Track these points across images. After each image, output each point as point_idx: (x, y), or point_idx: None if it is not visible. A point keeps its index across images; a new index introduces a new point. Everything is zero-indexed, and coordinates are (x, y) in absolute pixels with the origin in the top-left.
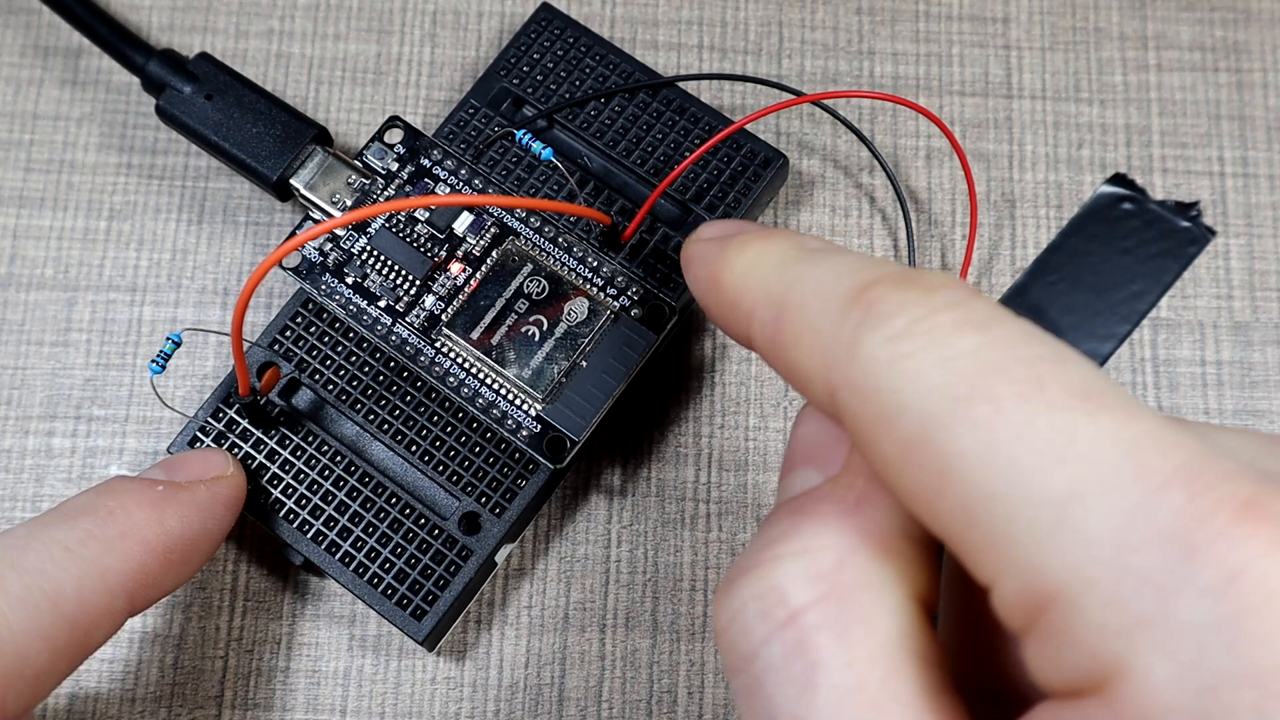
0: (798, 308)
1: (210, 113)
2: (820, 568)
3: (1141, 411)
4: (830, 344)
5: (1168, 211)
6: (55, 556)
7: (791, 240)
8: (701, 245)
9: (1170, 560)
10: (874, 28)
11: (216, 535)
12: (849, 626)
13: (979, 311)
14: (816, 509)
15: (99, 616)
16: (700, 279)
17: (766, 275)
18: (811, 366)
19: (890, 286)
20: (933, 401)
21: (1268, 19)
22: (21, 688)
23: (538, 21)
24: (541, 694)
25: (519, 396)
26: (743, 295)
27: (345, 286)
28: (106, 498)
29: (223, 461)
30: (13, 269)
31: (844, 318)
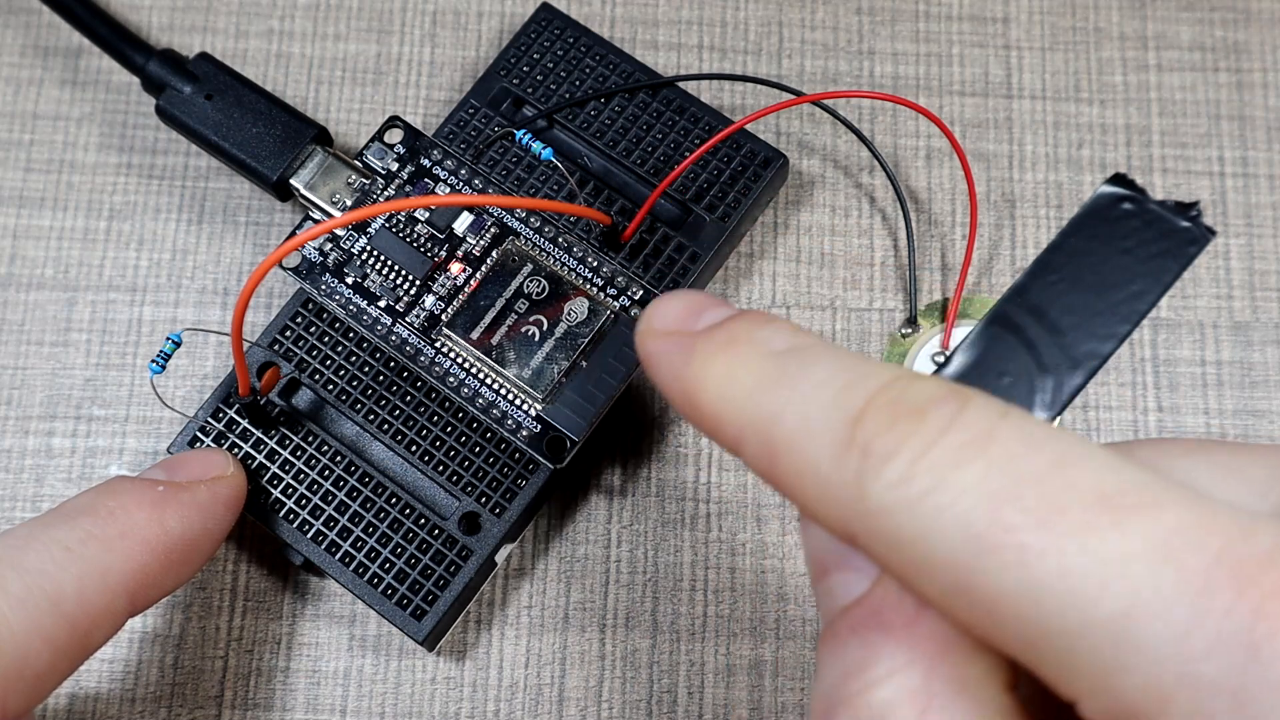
0: (789, 449)
1: (210, 113)
2: (912, 686)
3: (1162, 499)
4: (836, 493)
5: (1168, 211)
6: (56, 556)
7: (757, 346)
8: (661, 346)
9: (1237, 662)
10: (874, 28)
11: (217, 535)
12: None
13: (972, 428)
14: (882, 624)
15: (99, 616)
16: (672, 394)
17: (745, 404)
18: (822, 513)
19: (881, 421)
20: (957, 545)
21: (1268, 19)
22: (22, 688)
23: (538, 21)
24: (541, 694)
25: (519, 396)
26: (724, 424)
27: (345, 286)
28: (106, 498)
29: (223, 461)
30: (13, 269)
31: (843, 464)
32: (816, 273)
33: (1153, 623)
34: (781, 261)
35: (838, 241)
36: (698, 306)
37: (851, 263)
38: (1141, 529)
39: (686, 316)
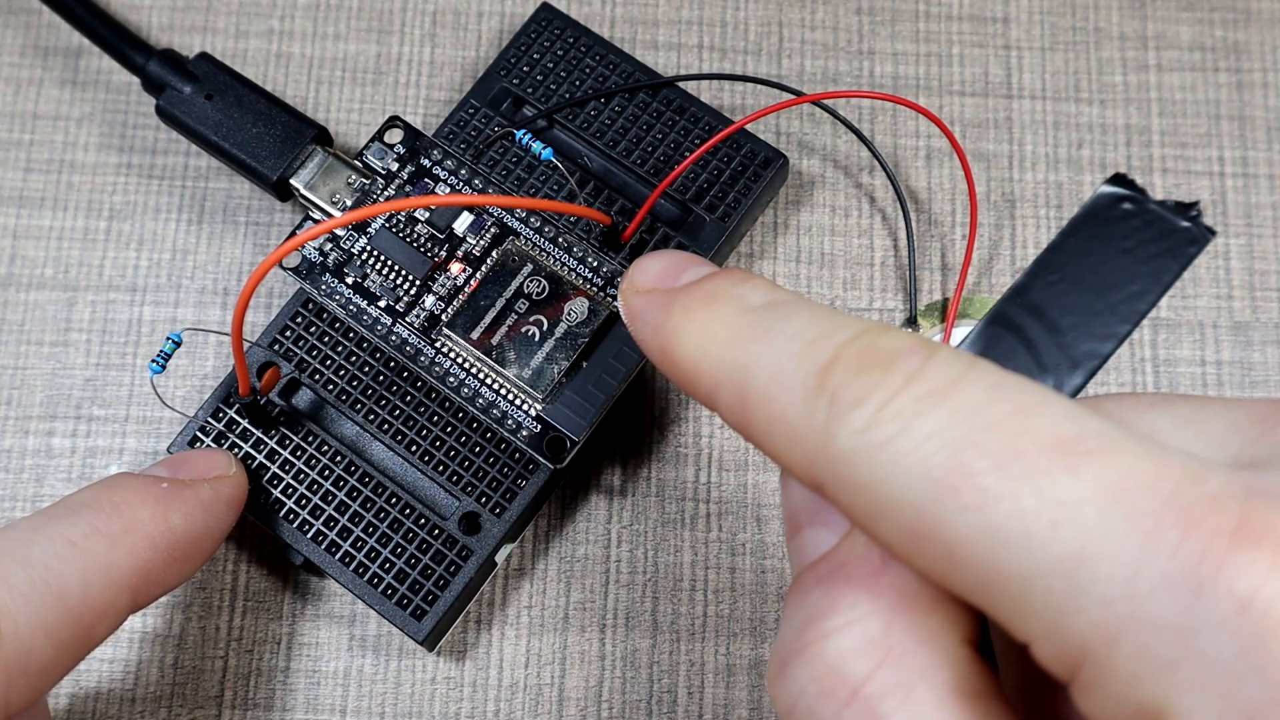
0: (761, 399)
1: (210, 113)
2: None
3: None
4: (804, 440)
5: (1167, 211)
6: (60, 550)
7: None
8: (641, 303)
9: (1182, 601)
10: (874, 28)
11: (219, 534)
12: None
13: (937, 378)
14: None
15: (103, 611)
16: (651, 349)
17: (721, 356)
18: (790, 460)
19: (849, 370)
20: (917, 490)
21: (1268, 19)
22: (25, 682)
23: (538, 21)
24: (541, 694)
25: (519, 396)
26: (701, 376)
27: (345, 286)
28: (110, 492)
29: (225, 461)
30: (13, 269)
31: (811, 412)
32: (816, 273)
33: (1102, 564)
34: (781, 261)
35: (838, 241)
36: (678, 265)
37: (851, 263)
38: (1095, 474)
39: (666, 274)
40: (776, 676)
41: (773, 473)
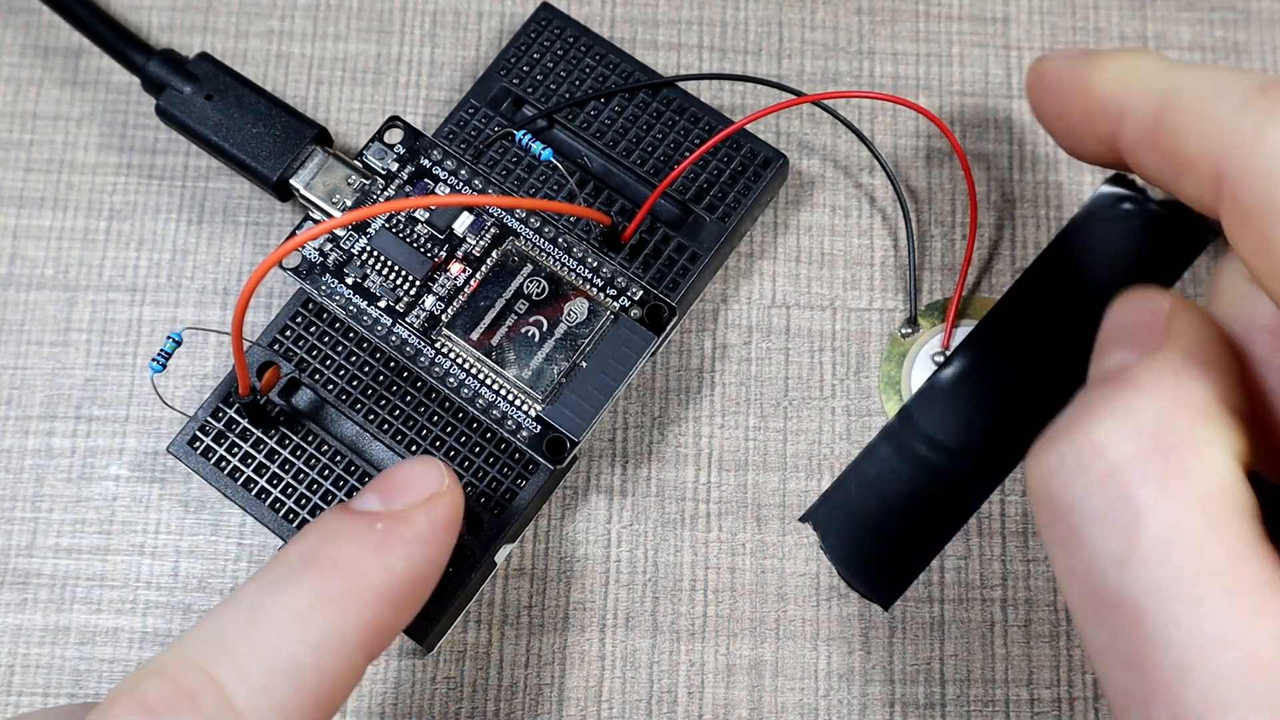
0: (1191, 98)
1: (210, 113)
2: (1141, 426)
3: None
4: (1229, 131)
5: (1167, 211)
6: (289, 628)
7: (1159, 55)
8: (1060, 59)
9: None
10: (874, 28)
11: (441, 564)
12: (1170, 478)
13: None
14: (1135, 380)
15: (339, 681)
16: (1060, 83)
17: (1148, 75)
18: (1200, 151)
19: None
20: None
21: (1268, 19)
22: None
23: (538, 21)
24: (541, 694)
25: (519, 397)
26: (1117, 94)
27: (345, 287)
28: (328, 545)
29: (438, 475)
30: (13, 269)
31: (1248, 107)
32: (816, 273)
33: None
34: (781, 261)
35: (838, 241)
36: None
37: (851, 263)
38: None
39: (1086, 51)
40: (1038, 452)
41: (773, 472)
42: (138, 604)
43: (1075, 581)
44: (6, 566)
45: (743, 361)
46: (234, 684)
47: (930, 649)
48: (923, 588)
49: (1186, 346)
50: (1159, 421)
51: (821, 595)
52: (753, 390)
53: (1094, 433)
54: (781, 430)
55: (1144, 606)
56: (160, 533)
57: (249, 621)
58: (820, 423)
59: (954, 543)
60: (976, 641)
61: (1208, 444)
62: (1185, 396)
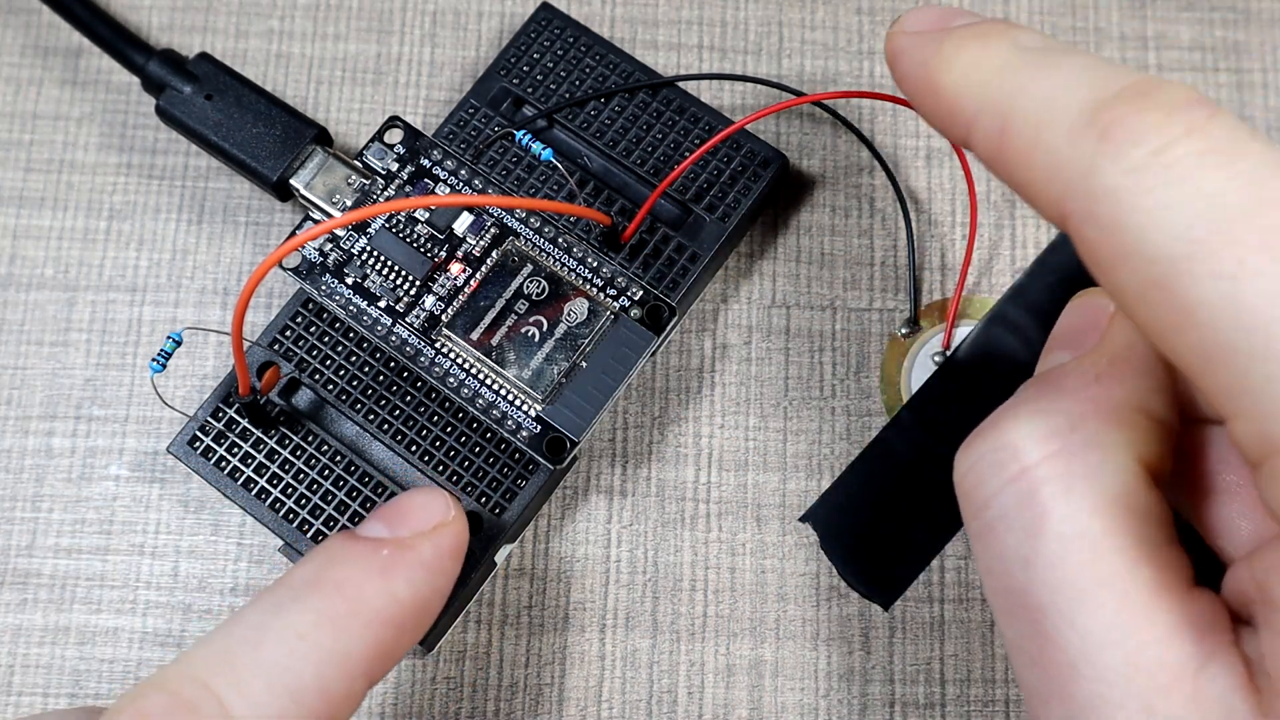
0: (1025, 123)
1: (210, 113)
2: (1053, 427)
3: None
4: (1064, 168)
5: None
6: (291, 647)
7: (1008, 39)
8: (909, 40)
9: None
10: (874, 28)
11: (445, 591)
12: (1074, 481)
13: (1222, 138)
14: (1058, 380)
15: (340, 703)
16: (912, 79)
17: (988, 82)
18: (1043, 188)
19: (1127, 108)
20: (1175, 245)
21: (1268, 19)
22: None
23: (538, 21)
24: (541, 694)
25: (519, 397)
26: (962, 102)
27: (345, 287)
28: (332, 569)
29: (443, 505)
30: (13, 269)
31: (1079, 140)
32: (816, 273)
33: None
34: (781, 261)
35: (838, 241)
36: (951, 14)
37: (851, 263)
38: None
39: (939, 20)
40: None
41: (773, 472)
42: (138, 604)
43: (990, 578)
44: (6, 566)
45: (743, 361)
46: (234, 699)
47: (930, 649)
48: (923, 588)
49: (1116, 350)
50: (1070, 423)
51: (821, 595)
52: (753, 390)
53: (1010, 432)
54: (781, 430)
55: (1044, 605)
56: (160, 533)
57: (252, 639)
58: (820, 423)
59: (954, 543)
60: (976, 641)
61: (1114, 447)
62: (1101, 399)
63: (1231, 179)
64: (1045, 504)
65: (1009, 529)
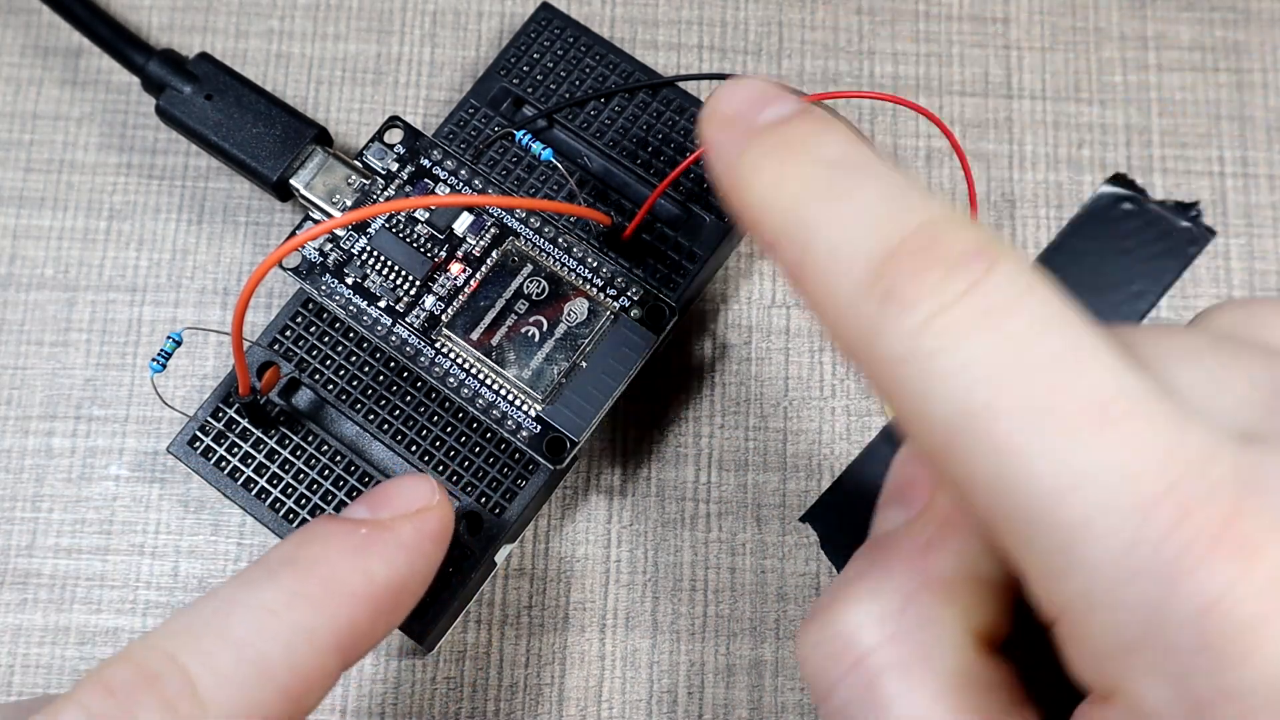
0: (816, 270)
1: (210, 113)
2: (886, 609)
3: (1148, 412)
4: (852, 327)
5: (1167, 211)
6: (261, 622)
7: (808, 156)
8: (719, 137)
9: (1159, 591)
10: (874, 28)
11: (425, 575)
12: (912, 665)
13: (994, 294)
14: (889, 552)
15: (311, 679)
16: (719, 183)
17: (786, 211)
18: (835, 333)
19: (910, 265)
20: (952, 414)
21: (1268, 19)
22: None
23: (537, 21)
24: (541, 694)
25: (519, 397)
26: (763, 225)
27: (345, 287)
28: (307, 547)
29: (428, 491)
30: (13, 269)
31: (864, 297)
32: None
33: (1100, 539)
34: None
35: None
36: (763, 98)
37: None
38: (1116, 445)
39: (750, 106)
40: (801, 630)
41: (773, 472)
42: (138, 604)
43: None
44: (6, 566)
45: (743, 361)
46: (200, 671)
47: None
48: None
49: (943, 512)
50: (902, 603)
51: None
52: (753, 390)
53: (843, 619)
54: (781, 430)
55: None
56: (160, 533)
57: (221, 614)
58: (820, 423)
59: None
60: None
61: (948, 624)
62: (930, 572)
63: (1000, 342)
64: (886, 695)
65: (854, 719)
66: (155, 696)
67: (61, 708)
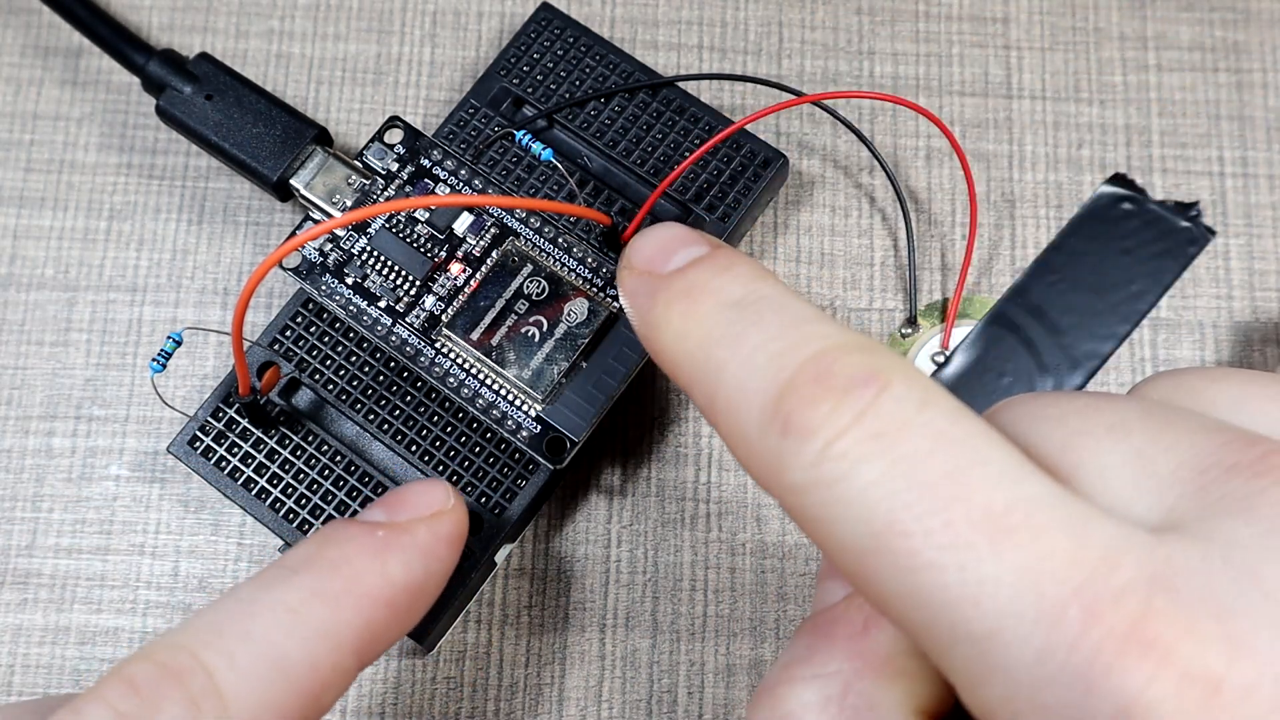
0: (724, 409)
1: (210, 113)
2: (828, 694)
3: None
4: (760, 461)
5: (1167, 211)
6: (281, 621)
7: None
8: (633, 285)
9: (1074, 695)
10: (874, 28)
11: (440, 577)
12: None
13: (885, 417)
14: (829, 631)
15: (328, 678)
16: (636, 329)
17: (694, 355)
18: (746, 467)
19: (803, 397)
20: (859, 538)
21: (1268, 19)
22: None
23: (538, 21)
24: (541, 694)
25: (519, 397)
26: (677, 372)
27: (345, 287)
28: (327, 548)
29: (443, 495)
30: (13, 269)
31: (766, 436)
32: (816, 273)
33: (1011, 647)
34: (781, 261)
35: (838, 241)
36: (669, 246)
37: (851, 263)
38: (1016, 553)
39: (658, 256)
40: (750, 710)
41: None
42: (138, 604)
43: None
44: (6, 566)
45: None
46: (221, 669)
47: None
48: None
49: None
50: (843, 687)
51: None
52: None
53: (785, 704)
54: None
55: None
56: (160, 533)
57: (242, 613)
58: None
59: None
60: None
61: (891, 706)
62: (869, 653)
63: (893, 464)
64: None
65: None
66: (180, 693)
67: (85, 704)
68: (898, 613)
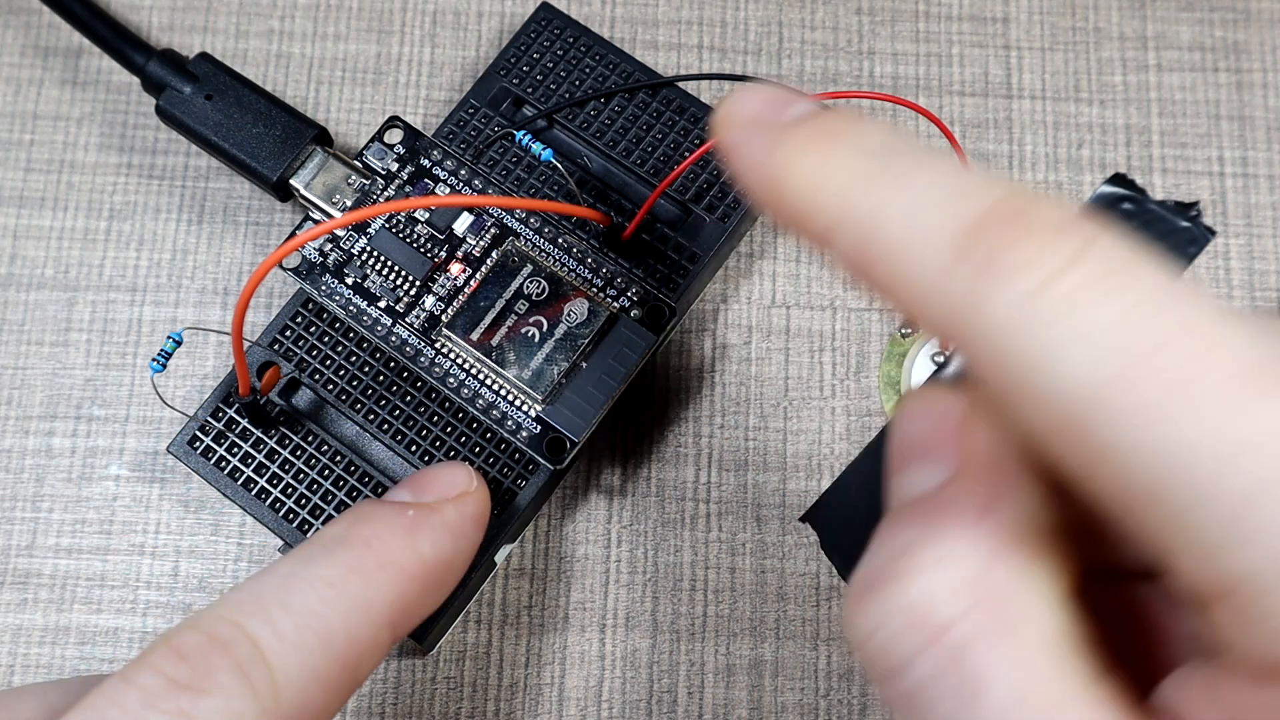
0: (891, 249)
1: (210, 113)
2: (965, 577)
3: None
4: (944, 299)
5: (1167, 211)
6: (321, 594)
7: (854, 141)
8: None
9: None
10: (874, 28)
11: (467, 554)
12: (1005, 635)
13: (1105, 266)
14: (945, 515)
15: (365, 650)
16: (752, 181)
17: (841, 196)
18: (922, 315)
19: (1002, 233)
20: (1078, 386)
21: (1268, 19)
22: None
23: (537, 21)
24: (541, 694)
25: (519, 397)
26: (814, 215)
27: (345, 287)
28: (361, 526)
29: (466, 477)
30: (13, 269)
31: (956, 272)
32: (816, 273)
33: (1277, 507)
34: (781, 261)
35: None
36: (783, 99)
37: None
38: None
39: (770, 108)
40: (855, 606)
41: (773, 472)
42: (138, 604)
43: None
44: (6, 566)
45: (743, 361)
46: (267, 638)
47: None
48: None
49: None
50: (980, 572)
51: (821, 595)
52: (753, 390)
53: (914, 588)
54: (781, 430)
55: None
56: (160, 533)
57: (283, 586)
58: (820, 423)
59: None
60: None
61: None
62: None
63: (1129, 309)
64: (979, 668)
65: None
66: (228, 661)
67: (136, 673)
68: (1118, 473)
